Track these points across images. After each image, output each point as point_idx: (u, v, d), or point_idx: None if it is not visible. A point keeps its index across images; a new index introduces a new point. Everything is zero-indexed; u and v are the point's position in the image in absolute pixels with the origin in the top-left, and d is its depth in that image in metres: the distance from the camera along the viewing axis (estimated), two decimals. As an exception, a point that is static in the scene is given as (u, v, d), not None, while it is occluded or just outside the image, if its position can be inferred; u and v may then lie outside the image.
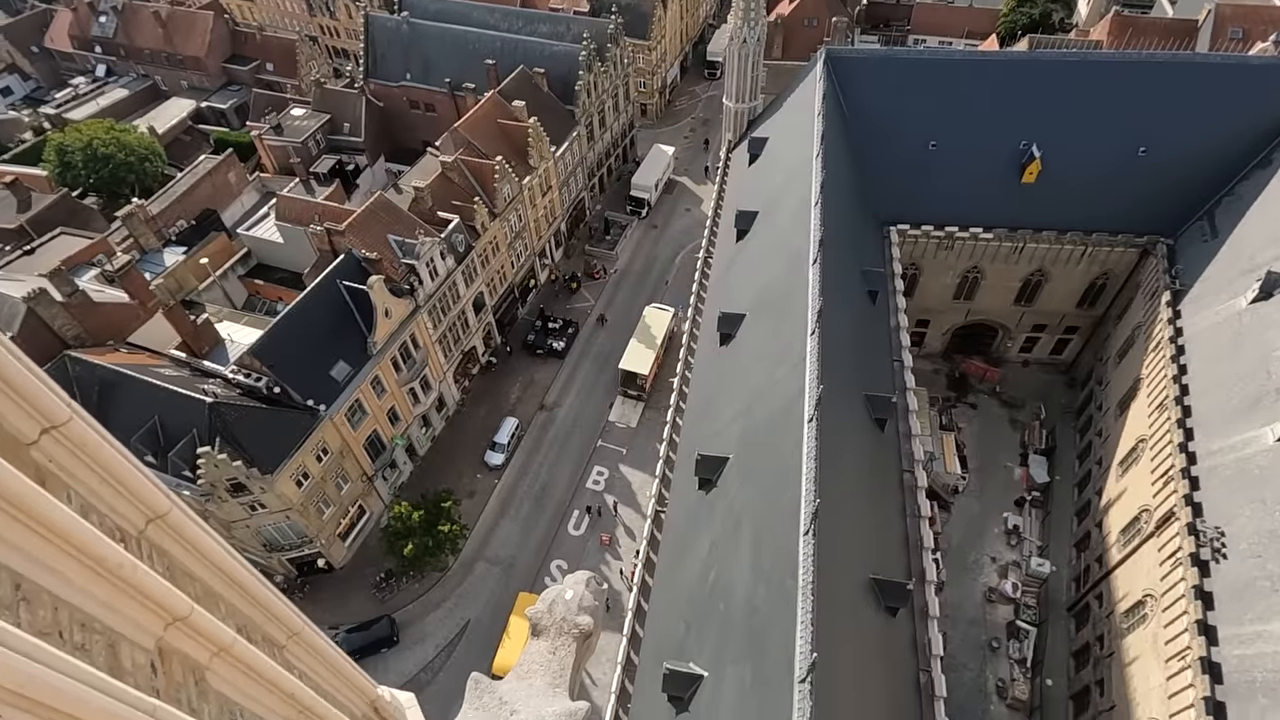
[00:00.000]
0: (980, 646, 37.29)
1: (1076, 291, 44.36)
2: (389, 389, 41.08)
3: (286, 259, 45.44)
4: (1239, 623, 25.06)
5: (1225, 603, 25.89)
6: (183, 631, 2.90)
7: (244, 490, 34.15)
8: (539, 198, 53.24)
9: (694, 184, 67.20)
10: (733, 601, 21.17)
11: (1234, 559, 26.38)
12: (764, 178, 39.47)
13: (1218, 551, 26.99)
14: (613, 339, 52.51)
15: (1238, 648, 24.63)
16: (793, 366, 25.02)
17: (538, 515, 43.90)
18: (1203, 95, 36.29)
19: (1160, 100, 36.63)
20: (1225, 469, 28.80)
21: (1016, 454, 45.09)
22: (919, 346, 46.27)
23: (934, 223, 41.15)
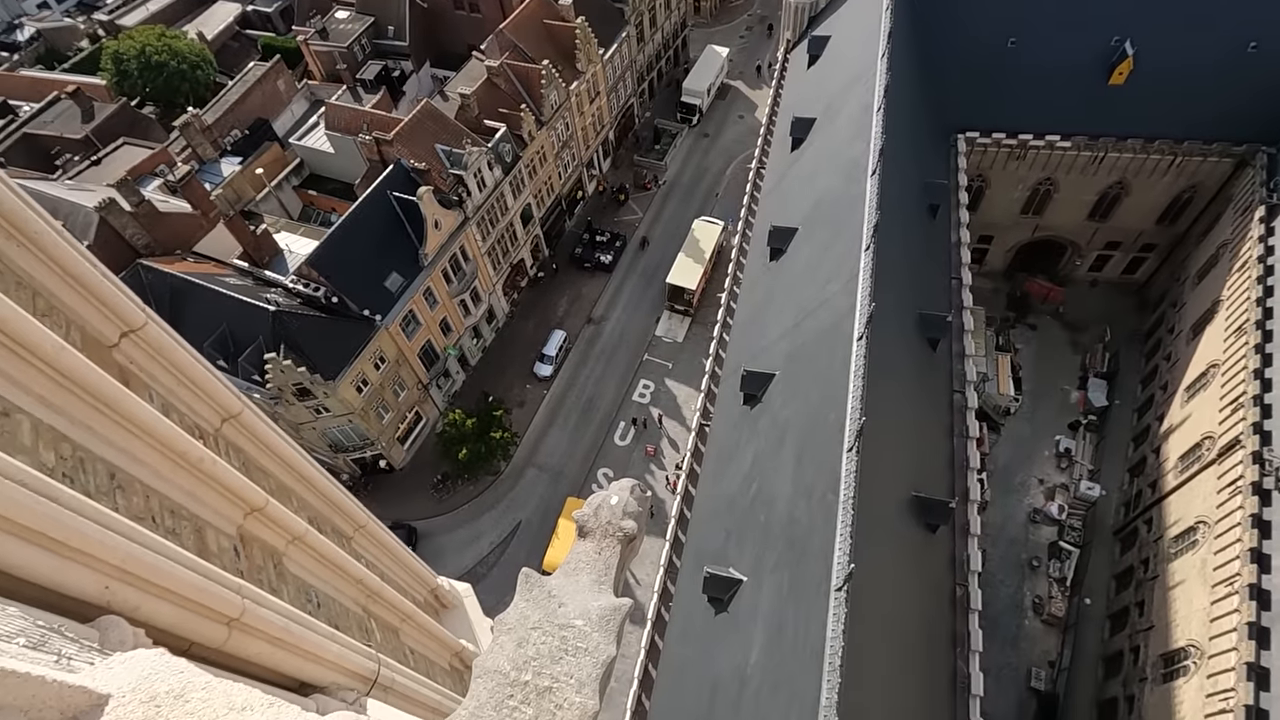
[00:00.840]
0: (1020, 565, 37.63)
1: (1158, 206, 41.36)
2: (440, 300, 41.93)
3: (338, 169, 45.72)
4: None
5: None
6: (260, 521, 3.15)
7: (309, 395, 35.98)
8: (586, 104, 51.57)
9: (748, 89, 63.84)
10: (773, 512, 21.70)
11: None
12: (823, 81, 37.19)
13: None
14: (660, 253, 51.89)
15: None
16: (844, 283, 24.40)
17: (585, 425, 45.17)
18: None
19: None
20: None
21: (1075, 377, 43.71)
22: (979, 264, 44.31)
23: (1007, 130, 38.37)
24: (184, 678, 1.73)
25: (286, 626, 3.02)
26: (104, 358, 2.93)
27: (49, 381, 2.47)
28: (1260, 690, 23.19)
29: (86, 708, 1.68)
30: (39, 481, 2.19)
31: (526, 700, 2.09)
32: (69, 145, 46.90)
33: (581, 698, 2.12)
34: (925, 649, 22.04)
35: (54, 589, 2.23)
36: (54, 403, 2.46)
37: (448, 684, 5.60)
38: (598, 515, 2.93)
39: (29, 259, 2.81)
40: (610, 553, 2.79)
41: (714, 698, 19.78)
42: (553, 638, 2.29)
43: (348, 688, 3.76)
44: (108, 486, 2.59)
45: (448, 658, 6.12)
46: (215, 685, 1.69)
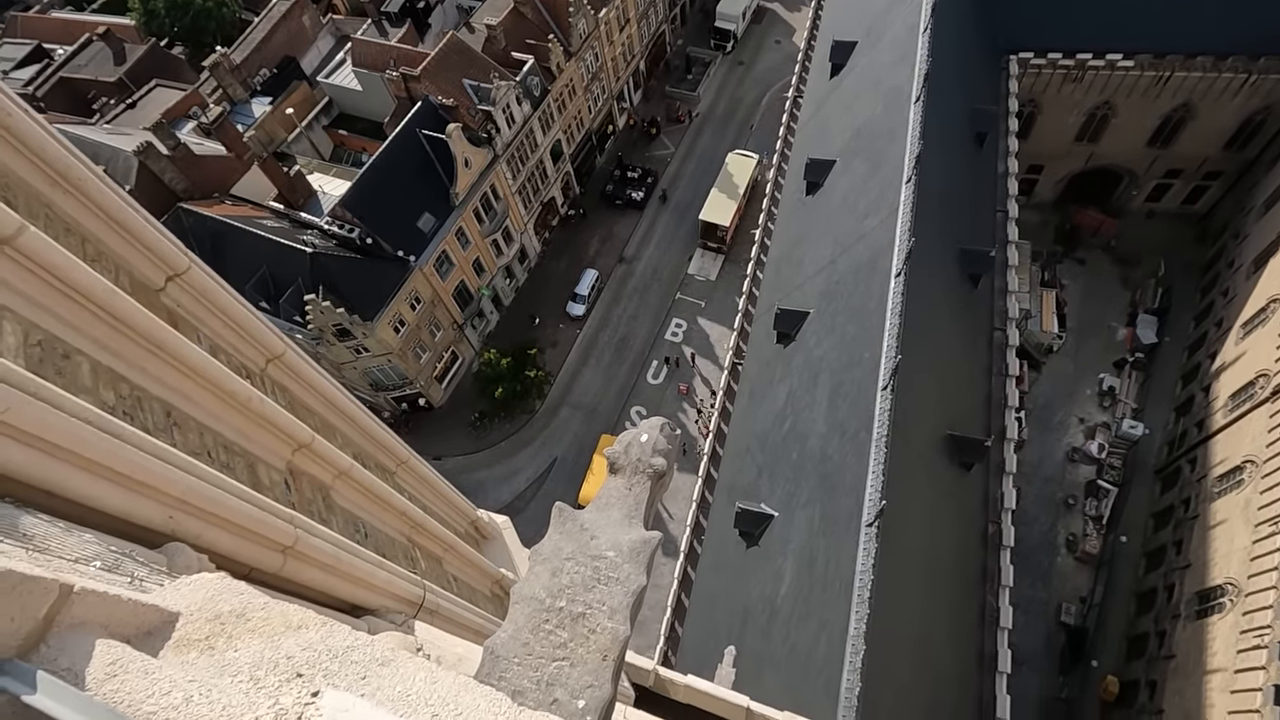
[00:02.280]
0: (1056, 503, 37.45)
1: (1227, 130, 38.76)
2: (473, 240, 41.98)
3: (366, 107, 45.27)
4: (1348, 493, 23.90)
5: (1336, 472, 24.59)
6: (307, 456, 3.30)
7: (349, 335, 36.84)
8: (616, 33, 49.72)
9: (786, 10, 60.67)
10: (806, 449, 21.84)
11: (1357, 429, 24.65)
12: (867, 0, 35.12)
13: (1339, 420, 25.22)
14: (694, 188, 50.79)
15: (1340, 517, 23.70)
16: (883, 218, 23.68)
17: (618, 365, 45.52)
18: None
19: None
20: (1369, 333, 26.11)
21: (1124, 314, 42.26)
22: (1028, 196, 42.41)
23: (1063, 50, 35.95)
24: (245, 599, 1.88)
25: (336, 554, 3.22)
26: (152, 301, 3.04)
27: (103, 325, 2.59)
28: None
29: (159, 624, 1.84)
30: (102, 419, 2.33)
31: (561, 625, 2.22)
32: (104, 89, 47.24)
33: (614, 623, 2.23)
34: (955, 584, 22.35)
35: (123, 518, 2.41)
36: (109, 345, 2.58)
37: (489, 609, 5.93)
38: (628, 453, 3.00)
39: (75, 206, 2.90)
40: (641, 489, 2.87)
41: (745, 624, 20.48)
42: (585, 568, 2.40)
43: (396, 611, 4.02)
44: (164, 424, 2.74)
45: (489, 585, 6.45)
46: (273, 605, 1.84)
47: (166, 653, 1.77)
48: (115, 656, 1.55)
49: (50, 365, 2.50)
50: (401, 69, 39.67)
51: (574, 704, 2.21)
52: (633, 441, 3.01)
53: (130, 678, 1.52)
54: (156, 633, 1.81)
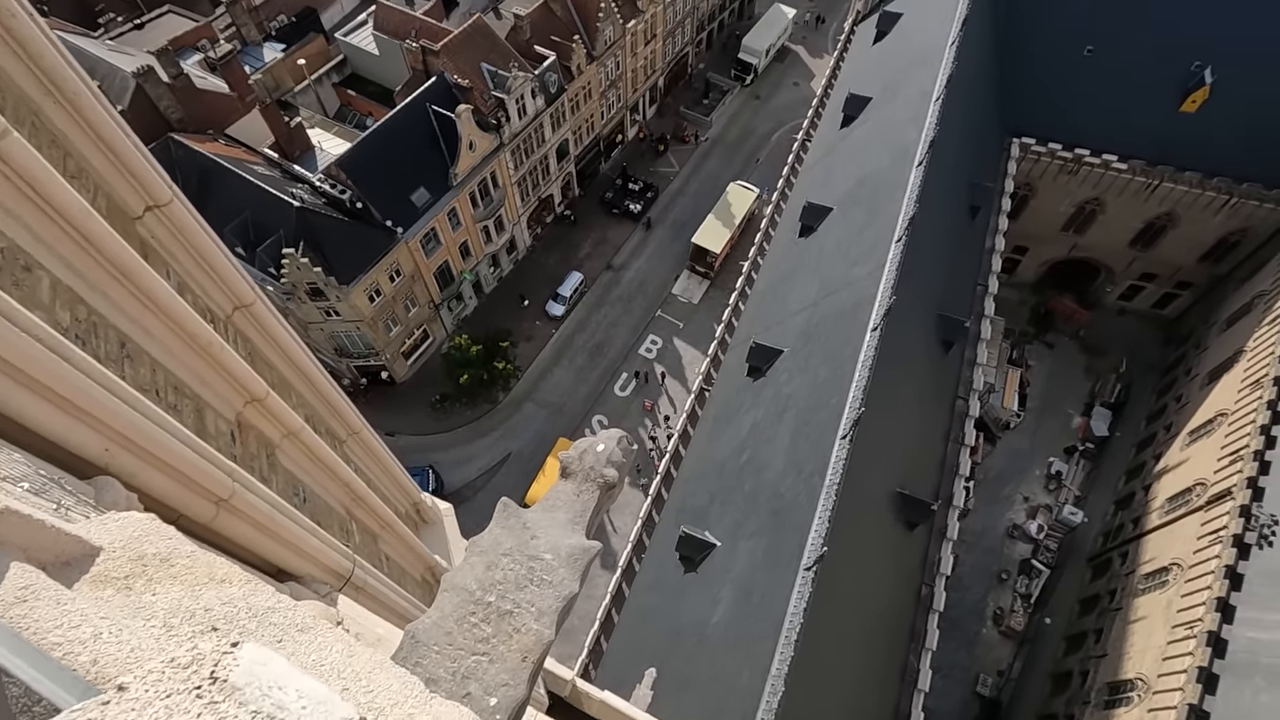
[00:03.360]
0: (990, 575, 38.20)
1: (1203, 244, 40.39)
2: (464, 223, 41.70)
3: (380, 72, 44.85)
4: (1263, 608, 24.80)
5: (1255, 587, 25.50)
6: (259, 411, 3.24)
7: (321, 296, 36.20)
8: (641, 45, 50.14)
9: (809, 55, 61.83)
10: (761, 482, 22.01)
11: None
12: (887, 60, 35.99)
13: (1264, 538, 26.23)
14: (691, 210, 51.20)
15: (1252, 630, 24.57)
16: (869, 271, 24.14)
17: (589, 370, 45.44)
18: None
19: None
20: (1304, 459, 27.26)
21: (1082, 403, 43.49)
22: (1009, 274, 43.62)
23: (1064, 141, 37.23)
24: (171, 544, 1.84)
25: (271, 515, 3.15)
26: (127, 228, 2.97)
27: (72, 243, 2.53)
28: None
29: (79, 556, 1.79)
30: (53, 339, 2.26)
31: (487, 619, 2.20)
32: (113, 4, 46.09)
33: (539, 625, 2.23)
34: (882, 638, 22.62)
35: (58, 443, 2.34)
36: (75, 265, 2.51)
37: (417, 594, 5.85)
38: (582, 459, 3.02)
39: (65, 119, 2.83)
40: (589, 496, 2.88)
41: (671, 647, 20.45)
42: (521, 566, 2.39)
43: (321, 581, 3.94)
44: (118, 355, 2.67)
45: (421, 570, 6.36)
46: (200, 555, 1.80)
47: (82, 586, 1.72)
48: (28, 582, 1.51)
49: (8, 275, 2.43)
50: (422, 41, 39.43)
51: (486, 700, 2.19)
52: (588, 449, 3.03)
53: (40, 605, 1.47)
54: (75, 564, 1.76)
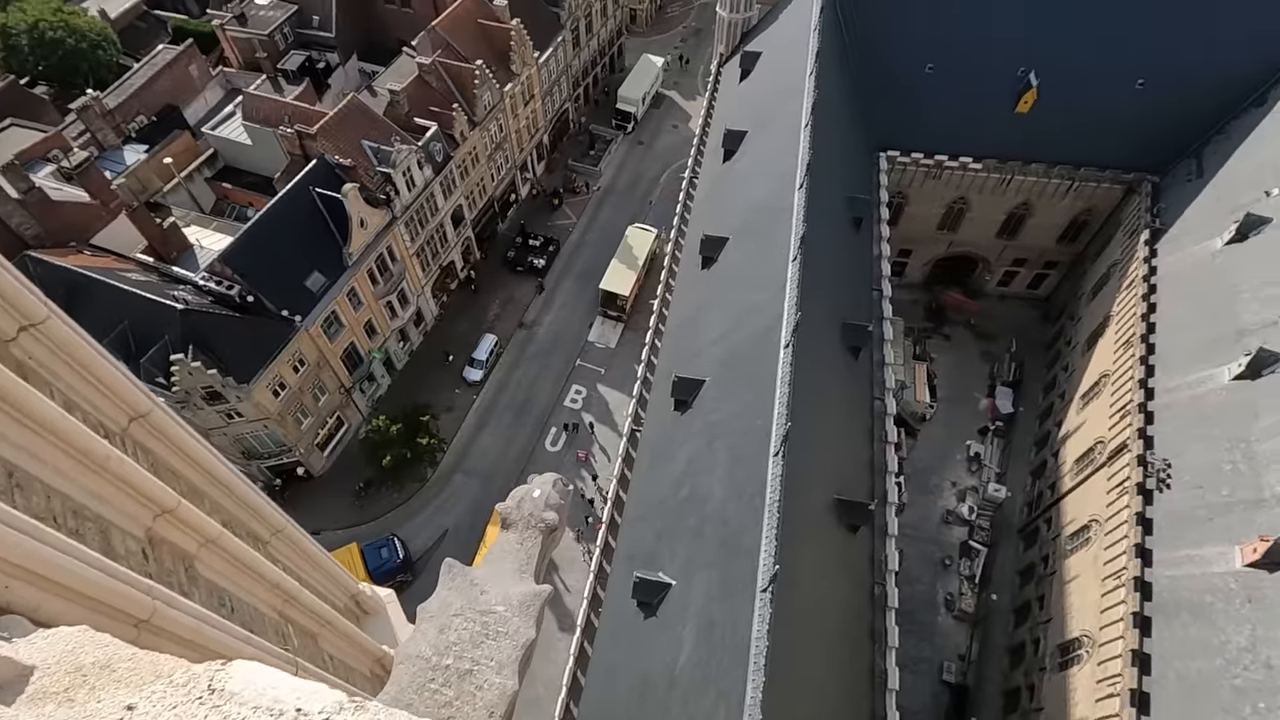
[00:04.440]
0: (934, 563, 39.55)
1: (1059, 226, 44.50)
2: (366, 301, 40.62)
3: (256, 162, 43.64)
4: (1174, 547, 26.82)
5: (1164, 529, 27.59)
6: (170, 522, 3.04)
7: (220, 399, 34.14)
8: (521, 107, 51.20)
9: (682, 99, 64.87)
10: (705, 513, 22.08)
11: (1177, 489, 27.92)
12: (755, 95, 38.27)
13: (1162, 482, 28.52)
14: (594, 257, 51.98)
15: (1169, 569, 26.47)
16: (773, 292, 25.14)
17: (516, 430, 44.65)
18: (1207, 27, 35.37)
19: (1166, 31, 35.63)
20: (1180, 405, 30.02)
21: (985, 385, 46.37)
22: (899, 276, 46.49)
23: (925, 150, 40.51)
24: (110, 650, 1.69)
25: (198, 629, 2.92)
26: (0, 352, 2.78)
27: (-65, 375, 2.33)
28: (1143, 674, 25.19)
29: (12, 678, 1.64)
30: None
31: (448, 683, 2.13)
32: (-52, 124, 42.90)
33: (501, 678, 2.17)
34: (846, 645, 22.89)
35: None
36: (-59, 398, 2.32)
37: (368, 689, 5.49)
38: (520, 507, 3.00)
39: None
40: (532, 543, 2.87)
41: (643, 698, 19.91)
42: (474, 623, 2.34)
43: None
44: (5, 485, 2.45)
45: (369, 664, 5.99)
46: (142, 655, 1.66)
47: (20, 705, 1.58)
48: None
49: None
50: (297, 126, 38.80)
51: (461, 769, 2.11)
52: (525, 496, 3.02)
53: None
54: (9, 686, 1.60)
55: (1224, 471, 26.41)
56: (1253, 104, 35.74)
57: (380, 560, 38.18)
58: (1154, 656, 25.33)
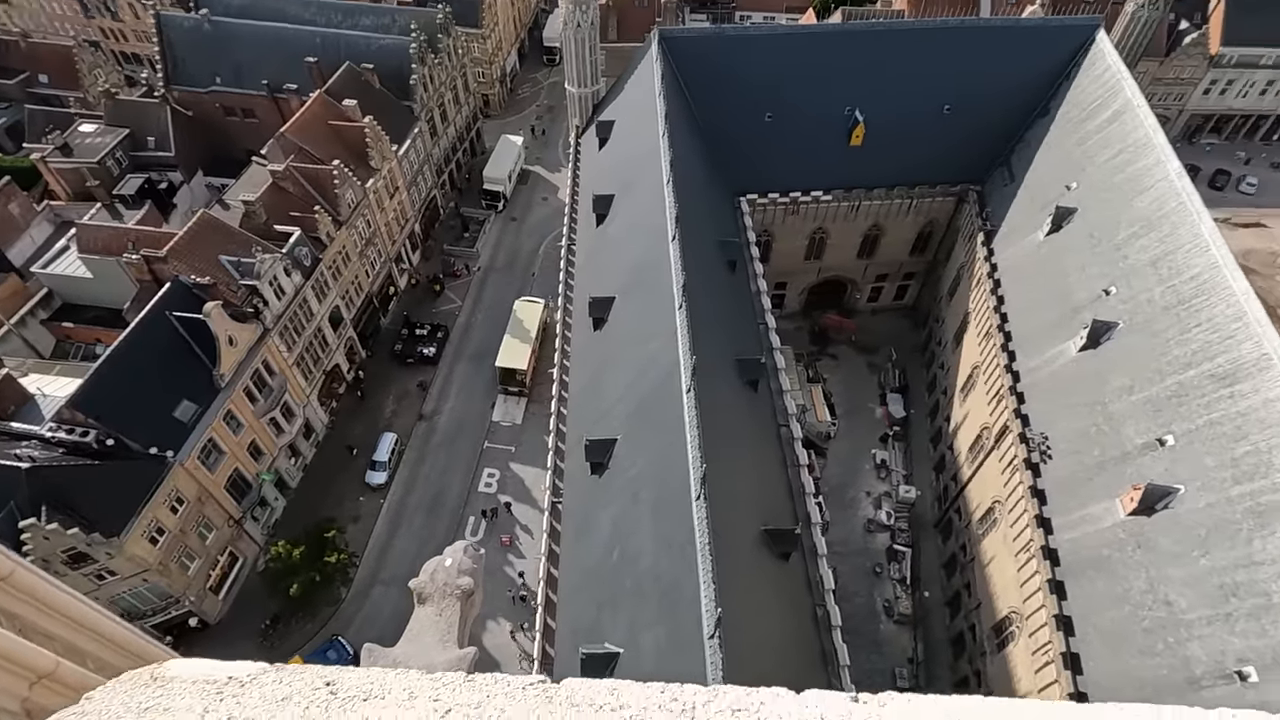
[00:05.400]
0: (866, 573, 40.69)
1: (909, 240, 48.83)
2: (246, 422, 37.90)
3: (99, 295, 40.43)
4: (1066, 512, 29.11)
5: (1055, 497, 29.95)
6: (50, 688, 2.69)
7: (87, 559, 30.39)
8: (387, 200, 50.75)
9: (547, 172, 66.71)
10: (639, 573, 21.73)
11: (1058, 458, 30.52)
12: (615, 160, 39.98)
13: (1044, 454, 31.10)
14: (486, 337, 51.44)
15: (1068, 533, 28.63)
16: (665, 341, 25.78)
17: (432, 528, 42.48)
18: (989, 55, 40.80)
19: (956, 61, 40.67)
20: (1043, 382, 33.13)
21: (876, 395, 49.21)
22: (780, 308, 49.05)
23: (779, 190, 43.63)
24: None
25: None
26: None
27: None
28: (1069, 636, 26.78)
29: None
30: None
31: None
32: None
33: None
34: (799, 672, 22.88)
35: None
36: None
37: None
38: (434, 579, 2.92)
39: None
40: (451, 611, 2.79)
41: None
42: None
43: None
44: None
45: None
46: None
47: None
48: None
49: None
50: (144, 251, 36.47)
51: None
52: (437, 567, 2.94)
53: None
54: None
55: (1091, 434, 29.20)
56: (1038, 115, 41.29)
57: (329, 664, 34.73)
58: (1074, 617, 27.03)
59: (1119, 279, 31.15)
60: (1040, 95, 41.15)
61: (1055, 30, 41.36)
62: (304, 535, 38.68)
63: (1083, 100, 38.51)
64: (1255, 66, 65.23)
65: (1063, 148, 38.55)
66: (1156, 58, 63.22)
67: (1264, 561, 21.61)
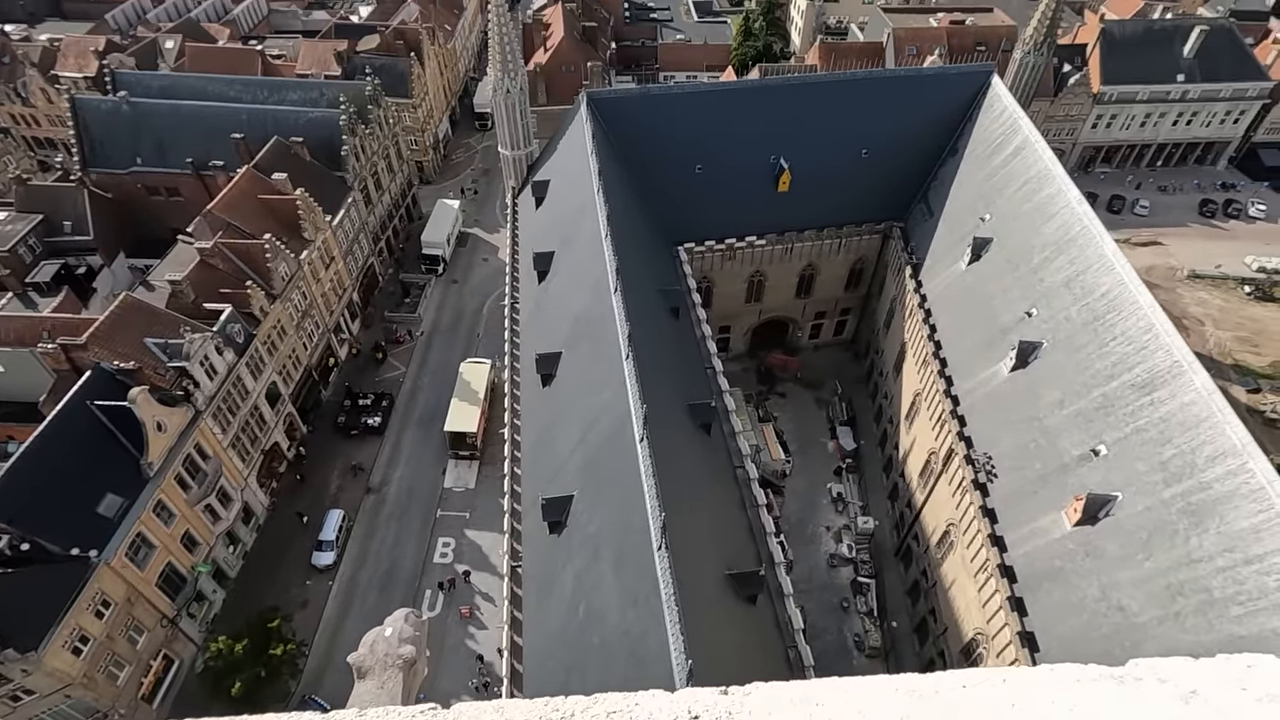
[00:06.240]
0: (834, 609, 40.57)
1: (842, 278, 50.69)
2: (178, 511, 35.75)
3: (10, 389, 37.95)
4: (1017, 527, 29.88)
5: (1005, 513, 30.75)
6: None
7: (0, 679, 27.66)
8: (322, 270, 49.90)
9: (486, 233, 67.02)
10: (606, 630, 21.11)
11: (1003, 475, 31.48)
12: (553, 217, 40.53)
13: (990, 473, 32.04)
14: (433, 401, 50.39)
15: (1020, 548, 29.33)
16: (615, 392, 25.79)
17: (385, 606, 40.31)
18: (898, 102, 43.57)
19: (869, 109, 43.27)
20: (981, 403, 34.38)
21: (826, 429, 50.06)
22: (725, 351, 49.83)
23: (714, 238, 44.91)
24: None
25: None
26: None
27: None
28: (1034, 652, 27.13)
29: None
30: None
31: None
32: None
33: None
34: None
35: None
36: None
37: None
38: (374, 651, 2.78)
39: None
40: (394, 683, 2.65)
41: None
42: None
43: None
44: None
45: None
46: None
47: None
48: None
49: None
50: (61, 339, 34.67)
51: None
52: (377, 639, 2.80)
53: None
54: None
55: (1031, 450, 30.30)
56: (948, 154, 44.06)
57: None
58: (1036, 632, 27.45)
59: (1038, 300, 32.96)
60: (947, 136, 44.01)
61: (954, 77, 44.58)
62: (246, 628, 36.27)
63: (986, 138, 41.34)
64: (1133, 102, 71.52)
65: (973, 182, 41.10)
66: (1047, 98, 68.70)
67: (1201, 559, 22.55)
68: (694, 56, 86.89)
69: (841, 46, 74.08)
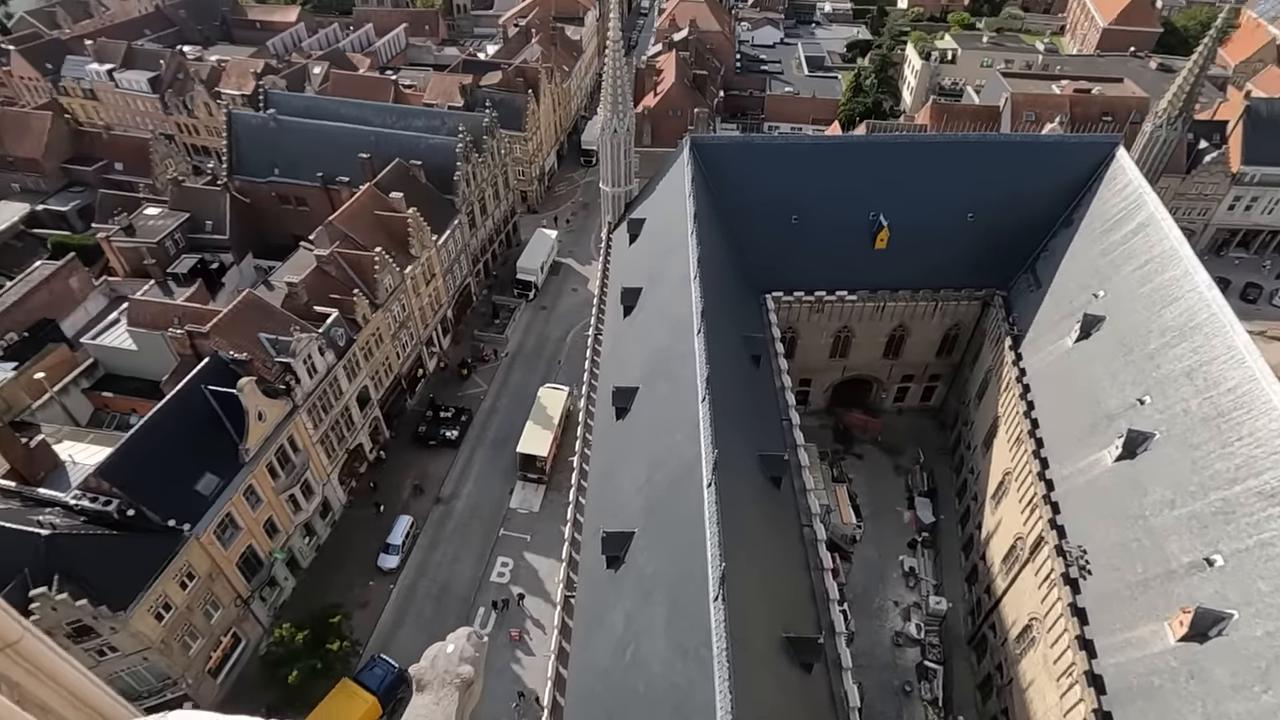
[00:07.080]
0: (894, 691, 38.04)
1: (935, 342, 48.77)
2: (265, 498, 37.91)
3: (141, 367, 41.83)
4: (1110, 633, 27.26)
5: (1097, 615, 28.16)
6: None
7: (90, 633, 29.83)
8: (423, 286, 52.60)
9: (579, 264, 68.90)
10: (651, 678, 20.61)
11: (1097, 573, 28.93)
12: (645, 255, 41.26)
13: (1083, 569, 29.53)
14: (509, 423, 51.61)
15: (1113, 656, 26.69)
16: (687, 434, 25.61)
17: (440, 618, 41.11)
18: (1011, 168, 42.14)
19: (979, 173, 42.04)
20: (1078, 491, 31.93)
21: (903, 498, 47.72)
22: (804, 405, 48.71)
23: (804, 289, 44.34)
24: None
25: None
26: None
27: None
28: (1120, 776, 24.41)
29: None
30: None
31: None
32: None
33: None
34: (824, 804, 21.07)
35: None
36: None
37: None
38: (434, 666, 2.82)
39: None
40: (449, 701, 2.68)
41: None
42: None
43: None
44: None
45: None
46: None
47: None
48: None
49: None
50: (189, 326, 37.94)
51: None
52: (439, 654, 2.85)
53: None
54: None
55: (1132, 549, 27.76)
56: (1062, 225, 42.02)
57: (380, 680, 37.26)
58: (1125, 754, 24.76)
59: (1153, 388, 30.55)
60: (1063, 206, 42.03)
61: (1075, 146, 42.77)
62: (309, 619, 37.69)
63: (1106, 212, 39.21)
64: (1277, 185, 66.20)
65: (1087, 257, 38.91)
66: (1178, 174, 64.62)
67: (1333, 701, 19.82)
68: (800, 109, 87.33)
69: (955, 108, 72.66)
